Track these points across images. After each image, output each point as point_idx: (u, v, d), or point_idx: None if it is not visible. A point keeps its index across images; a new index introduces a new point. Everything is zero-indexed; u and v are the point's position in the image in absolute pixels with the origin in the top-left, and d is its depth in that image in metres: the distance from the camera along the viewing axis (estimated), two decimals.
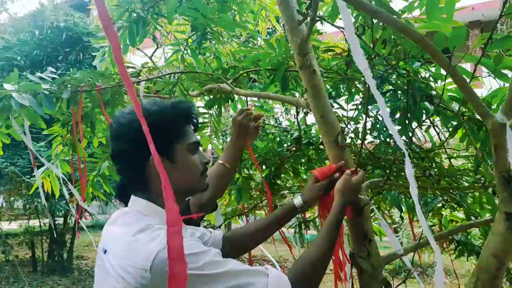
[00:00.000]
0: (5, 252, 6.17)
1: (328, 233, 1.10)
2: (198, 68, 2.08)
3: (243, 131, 1.49)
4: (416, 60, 1.35)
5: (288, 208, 1.35)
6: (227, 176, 1.47)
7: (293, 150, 2.02)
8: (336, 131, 1.35)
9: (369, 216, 1.37)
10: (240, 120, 1.48)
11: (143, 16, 2.10)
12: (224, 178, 1.46)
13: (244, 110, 1.50)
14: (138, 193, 1.06)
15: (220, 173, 1.45)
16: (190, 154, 1.08)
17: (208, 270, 0.86)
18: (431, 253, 3.69)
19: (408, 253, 1.31)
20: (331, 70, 1.56)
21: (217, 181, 1.42)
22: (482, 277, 1.06)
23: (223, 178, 1.46)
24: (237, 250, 1.36)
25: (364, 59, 1.03)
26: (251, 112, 1.52)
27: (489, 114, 0.95)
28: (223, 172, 1.45)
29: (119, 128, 1.04)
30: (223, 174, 1.45)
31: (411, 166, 1.02)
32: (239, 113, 1.51)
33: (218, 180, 1.43)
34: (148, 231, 0.91)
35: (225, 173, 1.46)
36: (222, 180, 1.46)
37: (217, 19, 1.67)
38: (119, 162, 1.07)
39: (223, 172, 1.45)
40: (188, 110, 1.12)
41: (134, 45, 2.19)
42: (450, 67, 0.92)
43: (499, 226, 1.01)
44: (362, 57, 1.02)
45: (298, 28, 1.33)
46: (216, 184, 1.41)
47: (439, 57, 0.93)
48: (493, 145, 0.97)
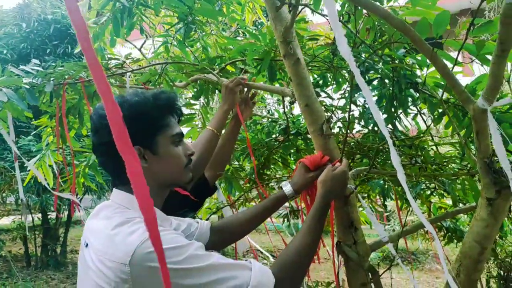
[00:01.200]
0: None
1: (311, 226, 1.09)
2: (185, 59, 2.05)
3: (232, 97, 1.56)
4: (401, 47, 1.34)
5: (277, 197, 1.34)
6: (215, 141, 1.52)
7: (282, 140, 2.01)
8: (321, 120, 1.34)
9: (355, 204, 1.37)
10: (227, 84, 1.56)
11: (128, 6, 2.07)
12: (211, 143, 1.51)
13: (237, 78, 1.57)
14: (120, 186, 1.05)
15: (208, 138, 1.50)
16: (173, 146, 1.07)
17: (190, 264, 0.85)
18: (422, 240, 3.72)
19: (394, 241, 1.31)
20: (317, 58, 1.55)
21: (204, 146, 1.48)
22: (465, 262, 1.06)
23: (210, 142, 1.51)
24: (226, 240, 1.36)
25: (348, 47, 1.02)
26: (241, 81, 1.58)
27: (471, 100, 0.95)
28: (211, 137, 1.50)
29: (99, 120, 1.02)
30: (210, 139, 1.50)
31: (396, 153, 1.01)
32: (231, 79, 1.57)
33: (205, 144, 1.49)
34: (128, 225, 0.89)
35: (212, 138, 1.51)
36: (210, 144, 1.51)
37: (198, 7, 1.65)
38: (100, 155, 1.06)
39: (211, 137, 1.50)
40: (171, 101, 1.10)
41: (119, 36, 2.16)
42: (431, 53, 0.92)
43: (481, 212, 1.02)
44: (345, 45, 1.01)
45: (282, 16, 1.32)
46: (202, 148, 1.47)
47: (420, 43, 0.92)
48: (475, 131, 0.97)
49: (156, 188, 1.06)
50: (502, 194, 0.97)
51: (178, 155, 1.07)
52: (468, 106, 0.95)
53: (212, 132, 1.51)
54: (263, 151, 2.03)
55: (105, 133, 1.01)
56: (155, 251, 0.62)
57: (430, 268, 6.76)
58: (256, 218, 1.35)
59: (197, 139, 1.52)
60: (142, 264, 0.81)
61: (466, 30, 1.01)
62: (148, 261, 0.82)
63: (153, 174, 1.03)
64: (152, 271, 0.82)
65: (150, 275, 0.82)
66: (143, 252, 0.82)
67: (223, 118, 1.56)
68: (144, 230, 0.87)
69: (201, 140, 1.50)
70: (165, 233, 0.89)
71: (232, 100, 1.58)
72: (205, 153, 1.50)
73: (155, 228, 0.62)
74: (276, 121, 2.08)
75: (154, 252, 0.83)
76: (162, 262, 0.61)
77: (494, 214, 0.99)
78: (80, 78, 1.73)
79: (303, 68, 1.33)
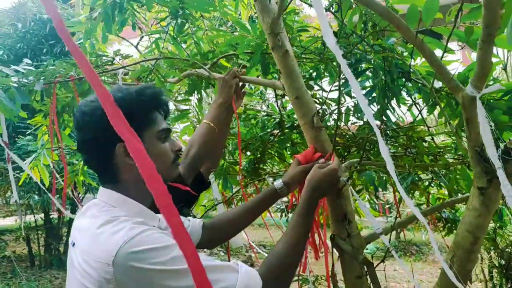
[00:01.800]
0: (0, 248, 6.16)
1: (298, 225, 1.07)
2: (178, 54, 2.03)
3: (227, 89, 1.54)
4: (390, 37, 1.31)
5: (268, 192, 1.32)
6: (212, 134, 1.50)
7: (277, 134, 1.99)
8: (312, 112, 1.32)
9: (348, 197, 1.35)
10: (224, 78, 1.54)
11: (119, 1, 2.05)
12: (208, 136, 1.49)
13: (231, 70, 1.55)
14: (106, 184, 1.04)
15: (204, 131, 1.49)
16: (160, 142, 1.05)
17: (174, 265, 0.83)
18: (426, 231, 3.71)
19: (388, 232, 1.30)
20: (308, 50, 1.53)
21: (201, 139, 1.47)
22: (458, 253, 1.05)
23: (207, 135, 1.49)
24: (219, 238, 1.34)
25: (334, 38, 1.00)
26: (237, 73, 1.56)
27: (459, 88, 0.93)
28: (207, 130, 1.49)
29: (82, 117, 1.00)
30: (207, 132, 1.49)
31: (384, 143, 1.00)
32: (227, 72, 1.55)
33: (202, 138, 1.47)
34: (113, 224, 0.88)
35: (209, 131, 1.49)
36: (206, 138, 1.49)
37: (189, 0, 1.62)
38: (84, 152, 1.04)
39: (207, 130, 1.49)
40: (156, 96, 1.07)
41: (111, 32, 2.14)
42: (417, 40, 0.89)
43: (473, 201, 1.00)
44: (331, 35, 0.99)
45: (269, 7, 1.30)
46: (200, 142, 1.46)
47: (405, 30, 0.90)
48: (465, 119, 0.95)
49: (143, 185, 1.04)
50: (493, 183, 0.95)
51: (164, 151, 1.05)
52: (457, 94, 0.93)
53: (208, 126, 1.49)
54: (257, 145, 2.01)
55: (87, 130, 0.99)
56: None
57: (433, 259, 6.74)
58: (248, 214, 1.33)
59: (194, 134, 1.52)
60: (126, 264, 0.80)
61: (455, 17, 0.99)
62: (131, 261, 0.81)
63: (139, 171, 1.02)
64: (136, 271, 0.81)
65: (134, 275, 0.81)
66: (126, 251, 0.81)
67: (219, 111, 1.54)
68: (129, 229, 0.85)
69: (198, 134, 1.49)
70: (150, 232, 0.87)
71: (228, 93, 1.56)
72: (203, 146, 1.49)
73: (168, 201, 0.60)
74: (271, 115, 2.06)
75: (138, 251, 0.82)
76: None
77: (486, 204, 0.97)
78: (71, 76, 1.72)
79: (292, 60, 1.30)
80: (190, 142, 1.49)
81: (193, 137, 1.51)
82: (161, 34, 2.15)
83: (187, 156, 1.45)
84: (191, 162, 1.45)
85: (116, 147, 0.98)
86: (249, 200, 1.40)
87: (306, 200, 1.11)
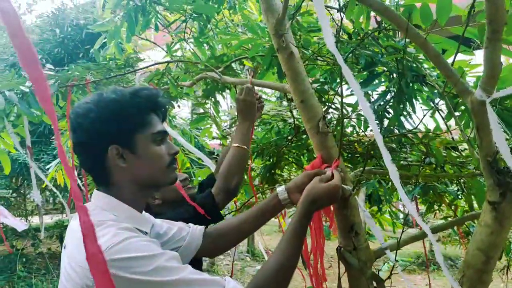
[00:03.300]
0: (34, 245, 6.42)
1: (290, 241, 1.01)
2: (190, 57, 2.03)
3: (250, 108, 1.49)
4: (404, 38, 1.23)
5: (272, 199, 1.27)
6: (245, 157, 1.48)
7: (291, 139, 1.94)
8: (318, 117, 1.26)
9: (356, 207, 1.27)
10: (244, 98, 1.48)
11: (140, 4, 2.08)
12: (243, 160, 1.47)
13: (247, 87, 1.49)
14: (100, 187, 1.02)
15: (240, 156, 1.45)
16: (155, 145, 1.02)
17: (157, 276, 0.79)
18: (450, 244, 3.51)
19: (393, 249, 1.21)
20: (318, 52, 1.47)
21: (238, 165, 1.44)
22: (468, 273, 0.95)
23: (243, 160, 1.46)
24: (221, 246, 1.30)
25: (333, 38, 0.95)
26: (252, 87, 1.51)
27: (468, 91, 0.84)
28: (241, 154, 1.45)
29: (76, 119, 0.99)
30: (242, 156, 1.45)
31: (386, 151, 0.93)
32: (240, 92, 1.50)
33: (238, 163, 1.44)
34: (98, 228, 0.85)
35: (243, 154, 1.46)
36: (242, 162, 1.46)
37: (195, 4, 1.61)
38: (79, 155, 1.03)
39: (241, 154, 1.45)
40: (151, 98, 1.05)
41: (133, 33, 2.17)
42: (421, 40, 0.82)
43: (486, 217, 0.91)
44: (331, 36, 0.94)
45: (274, 8, 1.25)
46: (238, 168, 1.44)
47: (409, 30, 0.83)
48: (475, 126, 0.86)
49: (137, 189, 1.02)
50: (507, 197, 0.85)
51: (159, 154, 1.02)
52: (465, 98, 0.85)
53: (241, 150, 1.45)
54: (272, 150, 1.97)
55: (80, 132, 0.98)
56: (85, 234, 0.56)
57: None
58: (252, 222, 1.27)
59: (230, 159, 1.46)
60: None
61: (467, 15, 0.91)
62: (112, 269, 0.77)
63: (132, 175, 0.99)
64: (116, 279, 0.77)
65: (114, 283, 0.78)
66: (109, 258, 0.78)
67: (248, 132, 1.49)
68: (113, 235, 0.83)
69: (237, 161, 1.44)
70: (135, 239, 0.85)
71: (252, 113, 1.50)
72: (243, 171, 1.47)
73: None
74: (286, 120, 2.01)
75: (120, 259, 0.79)
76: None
77: (500, 220, 0.88)
78: (86, 80, 1.74)
79: (298, 62, 1.25)
80: (229, 170, 1.44)
81: (230, 163, 1.45)
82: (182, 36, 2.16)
83: (229, 185, 1.43)
84: (232, 191, 1.44)
85: (108, 149, 0.97)
86: (253, 207, 1.35)
87: (301, 215, 1.05)
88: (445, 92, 1.02)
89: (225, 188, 1.41)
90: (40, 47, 5.82)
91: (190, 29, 2.21)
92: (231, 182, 1.41)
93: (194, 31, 2.15)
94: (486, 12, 0.64)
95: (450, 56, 1.19)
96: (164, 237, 1.17)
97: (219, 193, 1.41)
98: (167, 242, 1.17)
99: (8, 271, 5.96)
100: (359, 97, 0.96)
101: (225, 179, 1.42)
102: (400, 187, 0.94)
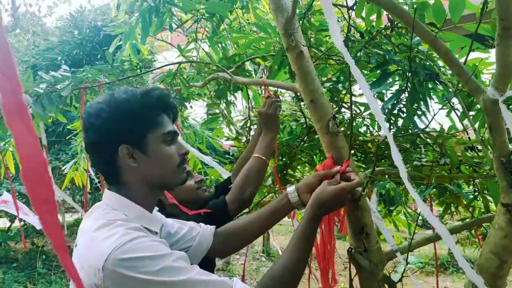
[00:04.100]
0: None
1: (297, 244, 1.00)
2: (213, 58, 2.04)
3: (273, 121, 1.47)
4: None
5: (282, 199, 1.25)
6: (264, 168, 1.46)
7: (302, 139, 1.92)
8: (328, 116, 1.25)
9: (367, 208, 1.25)
10: (266, 111, 1.46)
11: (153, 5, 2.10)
12: (262, 171, 1.46)
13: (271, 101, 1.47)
14: (111, 187, 1.03)
15: (260, 167, 1.44)
16: (165, 145, 1.02)
17: (164, 276, 0.79)
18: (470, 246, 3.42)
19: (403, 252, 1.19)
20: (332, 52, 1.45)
21: (256, 176, 1.43)
22: (482, 277, 0.92)
23: (261, 171, 1.45)
24: (231, 246, 1.29)
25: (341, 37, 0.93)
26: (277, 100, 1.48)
27: (480, 90, 0.82)
28: (260, 165, 1.44)
29: (87, 119, 1.00)
30: (261, 167, 1.44)
31: (397, 150, 0.91)
32: (263, 105, 1.48)
33: (256, 174, 1.43)
34: (108, 228, 0.86)
35: (263, 166, 1.45)
36: (260, 174, 1.45)
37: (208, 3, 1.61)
38: (91, 154, 1.04)
39: (260, 165, 1.44)
40: (162, 99, 1.05)
41: (147, 34, 2.19)
42: (431, 37, 0.80)
43: (499, 220, 0.88)
44: (339, 34, 0.93)
45: (284, 7, 1.24)
46: (256, 179, 1.43)
47: (417, 27, 0.81)
48: (488, 126, 0.84)
49: (147, 189, 1.02)
50: None
51: (169, 154, 1.02)
52: (477, 97, 0.82)
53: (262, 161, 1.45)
54: (283, 150, 1.95)
55: (92, 132, 0.99)
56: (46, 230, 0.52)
57: None
58: (262, 222, 1.26)
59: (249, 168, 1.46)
60: (115, 270, 0.77)
61: (480, 11, 0.89)
62: (120, 268, 0.78)
63: (143, 175, 1.00)
64: (124, 278, 0.78)
65: (122, 282, 0.78)
66: (117, 257, 0.78)
67: (271, 145, 1.48)
68: (122, 235, 0.83)
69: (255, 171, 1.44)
70: (143, 239, 0.85)
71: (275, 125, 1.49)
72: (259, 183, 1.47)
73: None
74: (298, 120, 2.00)
75: (128, 259, 0.80)
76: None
77: None
78: (99, 82, 1.77)
79: (307, 61, 1.24)
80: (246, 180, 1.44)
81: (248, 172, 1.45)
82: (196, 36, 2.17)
83: (243, 195, 1.43)
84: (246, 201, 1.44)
85: (119, 149, 0.98)
86: (264, 207, 1.34)
87: (309, 218, 1.04)
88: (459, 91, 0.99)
89: (239, 198, 1.41)
90: (59, 48, 5.94)
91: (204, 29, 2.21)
92: (246, 192, 1.41)
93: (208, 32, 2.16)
94: (497, 8, 0.62)
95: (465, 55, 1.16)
96: (175, 237, 1.18)
97: (234, 202, 1.40)
98: (177, 242, 1.17)
99: (29, 267, 6.10)
100: (368, 96, 0.94)
101: (240, 189, 1.41)
102: (410, 187, 0.92)
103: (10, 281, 5.58)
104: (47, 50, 5.97)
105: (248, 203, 1.46)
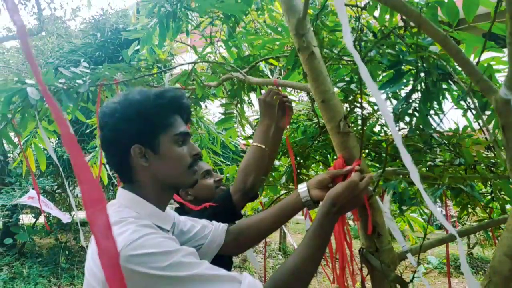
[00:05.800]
0: (76, 239, 6.73)
1: (310, 243, 1.00)
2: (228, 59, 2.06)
3: (270, 110, 1.50)
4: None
5: (294, 196, 1.26)
6: (264, 156, 1.47)
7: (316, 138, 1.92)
8: (339, 116, 1.25)
9: (378, 208, 1.24)
10: (264, 98, 1.50)
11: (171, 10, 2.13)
12: (261, 159, 1.47)
13: (271, 90, 1.52)
14: (124, 184, 1.06)
15: (256, 155, 1.46)
16: (177, 146, 1.04)
17: (173, 271, 0.82)
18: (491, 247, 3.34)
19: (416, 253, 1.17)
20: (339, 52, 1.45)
21: (255, 164, 1.45)
22: (494, 279, 0.91)
23: (260, 159, 1.46)
24: (243, 243, 1.31)
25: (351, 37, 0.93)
26: (277, 92, 1.52)
27: (493, 89, 0.80)
28: (259, 153, 1.46)
29: (103, 118, 1.04)
30: (259, 155, 1.46)
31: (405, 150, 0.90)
32: (266, 93, 1.52)
33: (255, 162, 1.45)
34: (120, 225, 0.89)
35: (261, 154, 1.46)
36: (260, 162, 1.46)
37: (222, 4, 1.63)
38: (106, 152, 1.08)
39: (259, 153, 1.46)
40: (175, 100, 1.07)
41: (164, 39, 2.24)
42: (441, 36, 0.79)
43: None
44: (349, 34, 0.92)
45: (295, 8, 1.25)
46: (256, 169, 1.44)
47: (426, 25, 0.80)
48: (501, 126, 0.82)
49: (159, 188, 1.05)
50: None
51: (181, 155, 1.05)
52: (490, 97, 0.81)
53: (259, 148, 1.46)
54: (297, 149, 1.95)
55: (106, 130, 1.03)
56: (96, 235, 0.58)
57: None
58: (274, 220, 1.28)
59: (247, 158, 1.48)
60: (125, 266, 0.80)
61: (494, 9, 0.87)
62: (130, 264, 0.81)
63: (154, 174, 1.03)
64: (135, 275, 0.81)
65: (132, 278, 0.81)
66: (127, 254, 0.81)
67: (267, 133, 1.50)
68: (132, 232, 0.86)
69: (253, 160, 1.46)
70: (153, 236, 0.87)
71: (271, 114, 1.51)
72: (260, 172, 1.47)
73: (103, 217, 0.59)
74: (312, 119, 1.99)
75: (137, 255, 0.82)
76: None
77: None
78: (115, 79, 1.81)
79: (319, 62, 1.24)
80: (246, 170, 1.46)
81: (247, 162, 1.47)
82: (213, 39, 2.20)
83: (245, 184, 1.44)
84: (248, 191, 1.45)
85: (131, 148, 1.01)
86: (276, 205, 1.35)
87: (322, 216, 1.04)
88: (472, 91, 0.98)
89: (241, 187, 1.42)
90: (82, 50, 6.09)
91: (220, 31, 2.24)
92: (248, 181, 1.42)
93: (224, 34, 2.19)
94: (507, 6, 0.61)
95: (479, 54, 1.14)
96: (188, 235, 1.20)
97: (237, 192, 1.42)
98: (190, 240, 1.20)
99: (53, 262, 6.28)
100: (376, 96, 0.94)
101: (242, 178, 1.43)
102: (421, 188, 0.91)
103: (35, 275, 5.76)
104: (70, 52, 6.13)
105: (251, 193, 1.47)
